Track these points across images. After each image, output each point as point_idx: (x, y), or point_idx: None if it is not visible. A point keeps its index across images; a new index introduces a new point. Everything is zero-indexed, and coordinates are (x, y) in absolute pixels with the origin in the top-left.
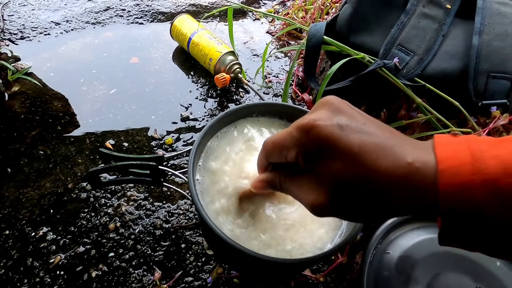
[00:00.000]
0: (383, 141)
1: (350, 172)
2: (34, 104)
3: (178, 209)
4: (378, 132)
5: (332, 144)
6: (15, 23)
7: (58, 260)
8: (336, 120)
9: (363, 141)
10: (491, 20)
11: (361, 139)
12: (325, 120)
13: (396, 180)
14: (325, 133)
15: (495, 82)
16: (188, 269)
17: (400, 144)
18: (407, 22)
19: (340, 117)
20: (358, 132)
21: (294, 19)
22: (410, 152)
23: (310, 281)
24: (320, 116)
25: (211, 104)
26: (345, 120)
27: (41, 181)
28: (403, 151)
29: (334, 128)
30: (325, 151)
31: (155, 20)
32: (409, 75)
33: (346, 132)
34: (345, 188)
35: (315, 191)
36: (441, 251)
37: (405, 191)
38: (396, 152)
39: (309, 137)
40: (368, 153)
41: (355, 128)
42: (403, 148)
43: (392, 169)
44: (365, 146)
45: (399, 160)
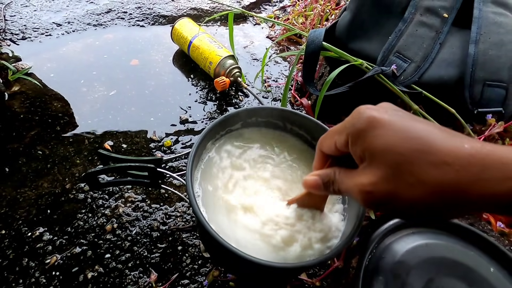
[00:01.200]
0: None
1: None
2: (34, 104)
3: (175, 211)
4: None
5: (384, 122)
6: (16, 23)
7: (54, 260)
8: (387, 108)
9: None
10: (487, 30)
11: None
12: (376, 107)
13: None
14: (377, 114)
15: (490, 90)
16: (184, 271)
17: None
18: (405, 30)
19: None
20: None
21: (294, 25)
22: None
23: (306, 285)
24: (367, 106)
25: (210, 107)
26: (400, 112)
27: (38, 181)
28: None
29: (387, 113)
30: (376, 127)
31: (156, 23)
32: (407, 82)
33: (400, 117)
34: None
35: (367, 173)
36: (436, 256)
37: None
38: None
39: (360, 117)
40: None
41: (410, 118)
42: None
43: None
44: (422, 129)
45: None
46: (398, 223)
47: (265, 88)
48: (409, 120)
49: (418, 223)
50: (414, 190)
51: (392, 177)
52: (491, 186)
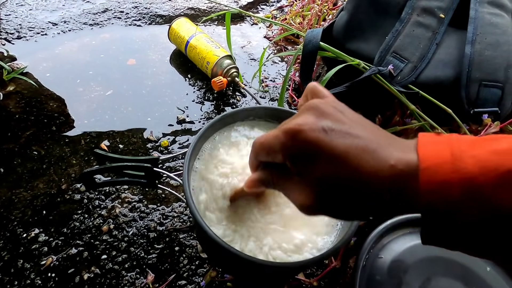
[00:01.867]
0: (367, 144)
1: (335, 175)
2: (29, 104)
3: (172, 211)
4: (363, 134)
5: (317, 149)
6: (12, 22)
7: (50, 262)
8: (321, 124)
9: (347, 145)
10: (483, 30)
11: (346, 143)
12: (311, 125)
13: (380, 182)
14: (310, 138)
15: (486, 90)
16: (181, 272)
17: (385, 146)
18: (402, 30)
19: (325, 121)
20: (343, 136)
21: (292, 25)
22: (394, 154)
23: (303, 285)
24: (306, 121)
25: (208, 107)
26: (331, 124)
27: (34, 181)
28: (386, 153)
29: (319, 133)
30: (311, 155)
31: (153, 23)
32: (403, 82)
33: (331, 136)
34: (331, 191)
35: (303, 192)
36: (432, 256)
37: (389, 191)
38: (379, 155)
39: (294, 141)
40: (352, 157)
41: (340, 132)
42: (387, 150)
43: (375, 172)
44: (349, 150)
45: (382, 163)
46: (395, 223)
47: (262, 88)
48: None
49: (416, 223)
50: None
51: (325, 203)
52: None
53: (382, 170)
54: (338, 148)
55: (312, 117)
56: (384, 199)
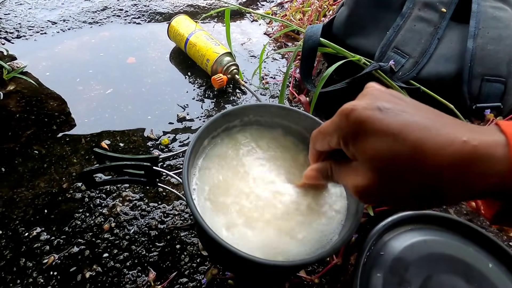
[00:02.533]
0: (429, 121)
1: (392, 150)
2: (30, 103)
3: (173, 209)
4: (424, 114)
5: (371, 125)
6: (11, 21)
7: (52, 260)
8: (376, 104)
9: (405, 121)
10: (486, 24)
11: (403, 118)
12: (364, 105)
13: (448, 158)
14: (363, 116)
15: (489, 85)
16: (182, 270)
17: (452, 125)
18: (403, 25)
19: (380, 102)
20: (399, 113)
21: (292, 21)
22: (464, 132)
23: (305, 282)
24: (359, 102)
25: (208, 105)
26: (386, 104)
27: (35, 181)
28: (454, 131)
29: (373, 111)
30: (364, 132)
31: (153, 21)
32: (405, 78)
33: (386, 114)
34: (389, 168)
35: (360, 174)
36: (434, 253)
37: (460, 170)
38: (445, 131)
39: (348, 120)
40: (411, 131)
41: (396, 110)
42: (455, 129)
43: (441, 147)
44: (407, 126)
45: (450, 138)
46: (396, 220)
47: (263, 85)
48: (400, 115)
49: (417, 220)
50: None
51: (383, 183)
52: (475, 184)
53: (451, 145)
54: (394, 123)
55: (367, 100)
56: (450, 178)
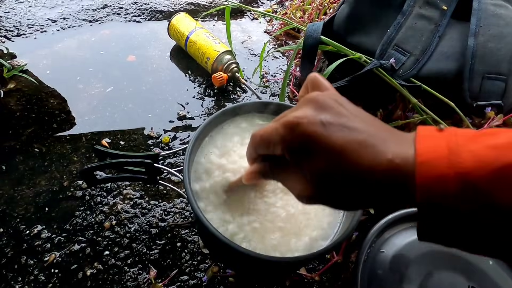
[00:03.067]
0: (366, 138)
1: (333, 169)
2: (30, 102)
3: (174, 207)
4: (362, 128)
5: (316, 142)
6: (11, 20)
7: (53, 258)
8: (319, 117)
9: (345, 139)
10: (487, 22)
11: (344, 137)
12: (309, 118)
13: (377, 176)
14: (309, 131)
15: (490, 83)
16: (183, 267)
17: (384, 140)
18: (403, 22)
19: (324, 114)
20: (341, 129)
21: (292, 19)
22: (392, 148)
23: (305, 280)
24: (305, 114)
25: (208, 103)
26: (329, 117)
27: (36, 179)
28: (384, 147)
29: (317, 127)
30: (309, 148)
31: (153, 19)
32: (405, 76)
33: (329, 130)
34: (329, 183)
35: (301, 182)
36: (434, 250)
37: (387, 186)
38: (377, 149)
39: (293, 134)
40: (349, 152)
41: (338, 125)
42: (385, 144)
43: (373, 166)
44: (347, 144)
45: (380, 157)
46: (397, 217)
47: (263, 84)
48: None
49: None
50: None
51: (323, 194)
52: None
53: (380, 165)
54: (336, 142)
55: (311, 110)
56: (381, 193)
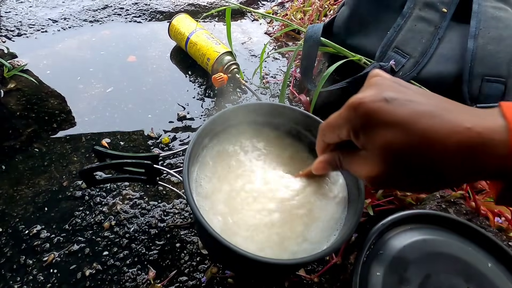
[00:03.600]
0: (435, 109)
1: (401, 140)
2: (30, 102)
3: (173, 208)
4: (430, 101)
5: (380, 116)
6: (12, 19)
7: (52, 258)
8: (382, 95)
9: (412, 110)
10: (486, 24)
11: (410, 108)
12: (371, 97)
13: (453, 145)
14: (372, 108)
15: (489, 85)
16: (182, 268)
17: (457, 111)
18: (403, 25)
19: (387, 92)
20: (406, 103)
21: (292, 21)
22: (469, 118)
23: (304, 281)
24: (367, 94)
25: (208, 104)
26: (392, 94)
27: (35, 179)
28: (460, 117)
29: (380, 103)
30: (374, 124)
31: (153, 19)
32: (405, 78)
33: (393, 104)
34: (399, 157)
35: (370, 163)
36: (433, 252)
37: (464, 156)
38: (451, 118)
39: (356, 113)
40: (418, 121)
41: (402, 100)
42: (460, 115)
43: (447, 135)
44: (414, 115)
45: (456, 126)
46: (396, 219)
47: (263, 85)
48: (406, 105)
49: (417, 219)
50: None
51: (393, 171)
52: (478, 168)
53: (456, 133)
54: (402, 114)
55: (373, 91)
56: (455, 163)
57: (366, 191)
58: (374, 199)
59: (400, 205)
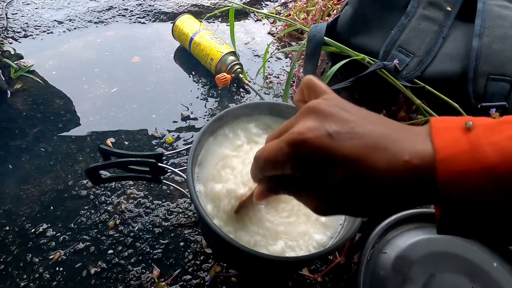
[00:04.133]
0: (378, 141)
1: (347, 178)
2: (36, 102)
3: (177, 207)
4: (372, 131)
5: (326, 156)
6: (18, 21)
7: (58, 256)
8: (325, 128)
9: (357, 147)
10: (491, 23)
11: (355, 144)
12: (314, 131)
13: (396, 179)
14: (317, 146)
15: (494, 84)
16: (186, 267)
17: (396, 139)
18: (407, 24)
19: (329, 124)
20: (350, 137)
21: (296, 20)
22: (407, 147)
23: (308, 280)
24: (309, 127)
25: (212, 104)
26: (335, 127)
27: (42, 178)
28: (399, 148)
29: (325, 139)
30: (320, 163)
31: (157, 20)
32: (409, 77)
33: (338, 140)
34: (345, 193)
35: (315, 196)
36: (437, 251)
37: (406, 187)
38: (392, 151)
39: (301, 152)
40: (363, 158)
41: (346, 133)
42: (399, 145)
43: (389, 170)
44: (359, 152)
45: (396, 159)
46: (399, 218)
47: (266, 85)
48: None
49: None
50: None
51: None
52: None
53: (397, 167)
54: (347, 151)
55: (314, 122)
56: (401, 195)
57: None
58: None
59: None
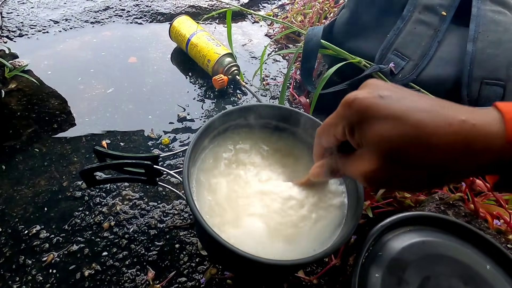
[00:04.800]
0: (428, 105)
1: (396, 133)
2: (31, 102)
3: (173, 209)
4: (423, 99)
5: (374, 111)
6: (13, 20)
7: (51, 258)
8: (377, 92)
9: (406, 106)
10: (485, 28)
11: (404, 103)
12: (365, 93)
13: (448, 137)
14: (366, 103)
15: (488, 88)
16: (181, 269)
17: (451, 107)
18: (403, 27)
19: (381, 90)
20: (400, 99)
21: (293, 23)
22: (463, 112)
23: (303, 283)
24: (361, 91)
25: (208, 105)
26: (386, 92)
27: (35, 179)
28: (454, 111)
29: (375, 99)
30: (368, 118)
31: (154, 21)
32: (405, 80)
33: (387, 100)
34: (394, 150)
35: (367, 159)
36: (432, 254)
37: (460, 148)
38: (445, 112)
39: (351, 109)
40: (412, 114)
41: (396, 97)
42: (454, 109)
43: (442, 126)
44: (409, 109)
45: (449, 118)
46: (395, 221)
47: (263, 86)
48: (400, 101)
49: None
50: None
51: (389, 165)
52: (474, 160)
53: (451, 125)
54: (396, 108)
55: (368, 89)
56: (450, 156)
57: (366, 193)
58: (373, 201)
59: (399, 207)
